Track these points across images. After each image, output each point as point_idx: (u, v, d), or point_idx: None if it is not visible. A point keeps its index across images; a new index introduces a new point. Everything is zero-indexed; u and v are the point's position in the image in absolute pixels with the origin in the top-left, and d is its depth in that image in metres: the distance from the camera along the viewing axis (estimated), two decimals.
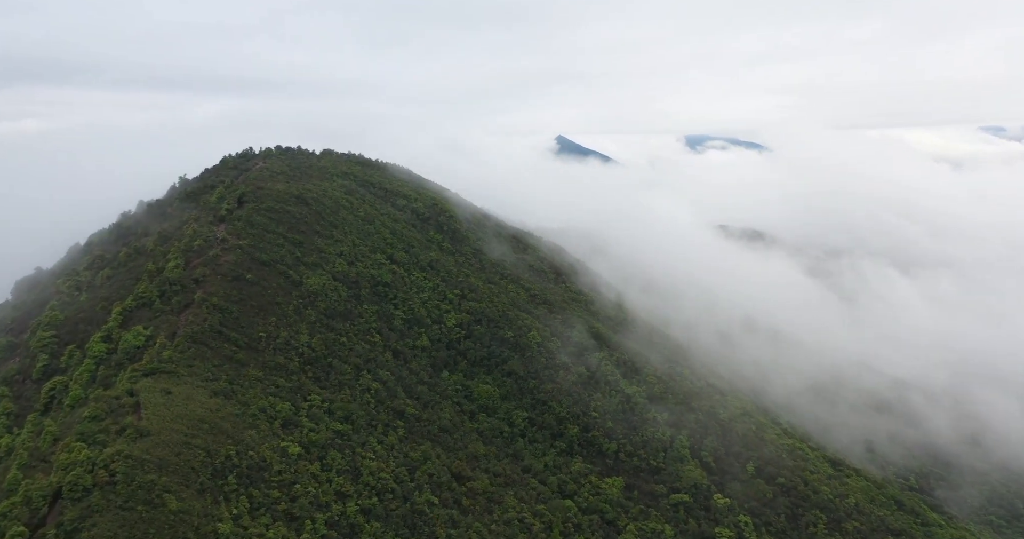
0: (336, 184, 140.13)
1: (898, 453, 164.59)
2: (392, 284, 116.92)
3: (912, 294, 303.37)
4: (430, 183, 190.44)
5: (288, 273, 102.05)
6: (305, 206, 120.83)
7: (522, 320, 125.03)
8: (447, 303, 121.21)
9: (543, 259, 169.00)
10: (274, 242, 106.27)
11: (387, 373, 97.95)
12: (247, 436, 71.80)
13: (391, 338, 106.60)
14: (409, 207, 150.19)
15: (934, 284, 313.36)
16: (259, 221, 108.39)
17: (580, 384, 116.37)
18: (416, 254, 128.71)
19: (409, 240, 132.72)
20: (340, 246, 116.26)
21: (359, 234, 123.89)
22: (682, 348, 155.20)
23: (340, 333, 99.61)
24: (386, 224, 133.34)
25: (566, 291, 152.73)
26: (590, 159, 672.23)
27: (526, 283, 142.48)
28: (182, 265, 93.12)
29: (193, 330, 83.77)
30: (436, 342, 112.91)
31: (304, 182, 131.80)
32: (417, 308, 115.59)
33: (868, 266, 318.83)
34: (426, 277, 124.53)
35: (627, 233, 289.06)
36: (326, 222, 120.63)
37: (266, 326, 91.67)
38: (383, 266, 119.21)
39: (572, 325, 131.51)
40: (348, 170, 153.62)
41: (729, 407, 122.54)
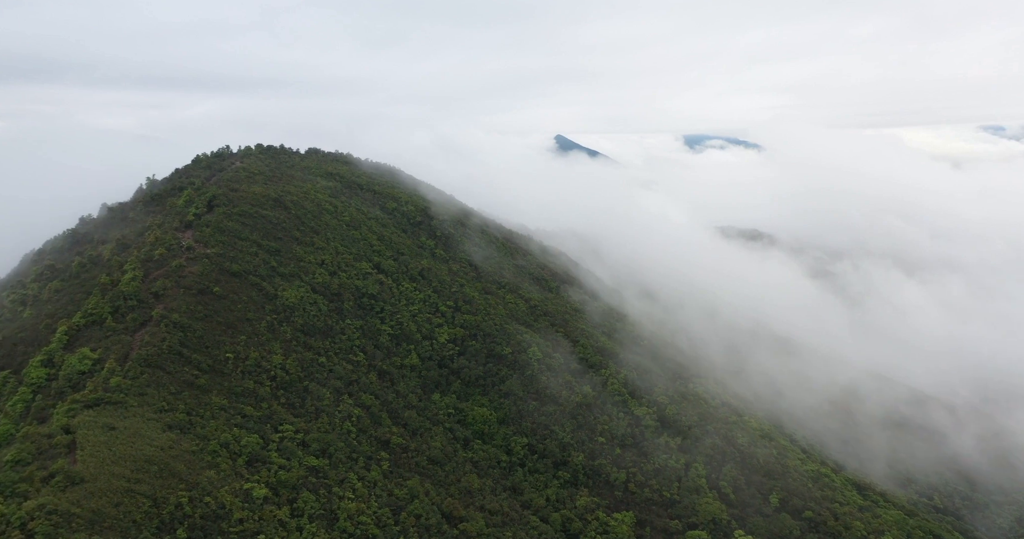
0: (320, 186, 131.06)
1: (920, 470, 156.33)
2: (379, 296, 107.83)
3: (919, 298, 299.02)
4: (424, 185, 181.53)
5: (262, 285, 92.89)
6: (284, 210, 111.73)
7: (521, 334, 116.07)
8: (439, 316, 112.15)
9: (543, 265, 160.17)
10: (247, 250, 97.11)
11: (371, 397, 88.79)
12: (204, 478, 62.52)
13: (376, 357, 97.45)
14: (400, 210, 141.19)
15: (940, 287, 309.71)
16: (230, 227, 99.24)
17: (585, 405, 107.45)
18: (406, 262, 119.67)
19: (398, 247, 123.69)
20: (321, 254, 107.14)
21: (343, 241, 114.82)
22: (690, 361, 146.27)
23: (319, 352, 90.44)
24: (373, 229, 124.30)
25: (567, 301, 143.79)
26: (589, 159, 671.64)
27: (525, 293, 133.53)
28: (140, 277, 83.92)
29: (148, 352, 74.53)
30: (427, 360, 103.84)
31: (284, 184, 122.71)
32: (406, 322, 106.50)
33: (872, 268, 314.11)
34: (417, 288, 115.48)
35: (627, 235, 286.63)
36: (306, 228, 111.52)
37: (234, 346, 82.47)
38: (369, 276, 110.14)
39: (575, 339, 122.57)
40: (335, 170, 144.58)
41: (747, 429, 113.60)
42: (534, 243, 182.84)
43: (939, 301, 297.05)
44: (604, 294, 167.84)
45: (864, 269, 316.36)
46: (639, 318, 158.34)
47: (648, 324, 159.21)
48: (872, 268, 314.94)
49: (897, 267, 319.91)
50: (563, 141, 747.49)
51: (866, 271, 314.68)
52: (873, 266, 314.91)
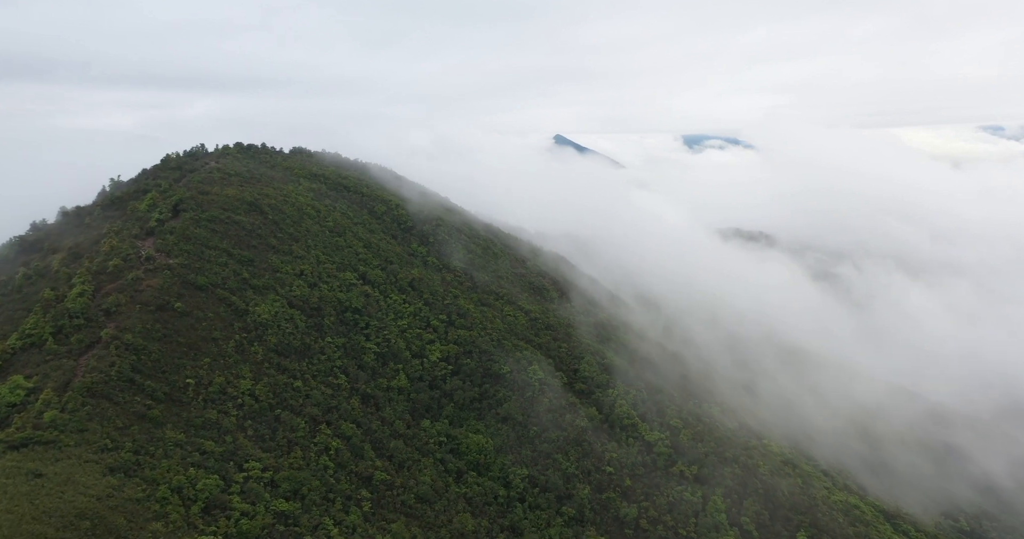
0: (303, 188, 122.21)
1: (942, 488, 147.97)
2: (364, 310, 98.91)
3: (925, 301, 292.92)
4: (418, 187, 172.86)
5: (231, 300, 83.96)
6: (259, 215, 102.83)
7: (521, 351, 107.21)
8: (431, 332, 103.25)
9: (544, 273, 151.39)
10: (215, 260, 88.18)
11: (352, 426, 79.84)
12: (148, 533, 53.58)
13: (359, 379, 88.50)
14: (390, 215, 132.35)
15: (946, 290, 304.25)
16: (198, 234, 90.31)
17: (591, 430, 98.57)
18: (395, 272, 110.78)
19: (387, 254, 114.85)
20: (300, 264, 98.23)
21: (325, 248, 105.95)
22: (700, 376, 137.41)
23: (294, 375, 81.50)
24: (360, 236, 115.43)
25: (570, 312, 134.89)
26: (588, 159, 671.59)
27: (525, 304, 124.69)
28: (90, 292, 75.00)
29: (93, 379, 65.59)
30: (416, 381, 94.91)
31: (263, 186, 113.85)
32: (394, 339, 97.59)
33: (875, 270, 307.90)
34: (406, 300, 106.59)
35: (625, 237, 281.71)
36: (285, 234, 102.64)
37: (196, 370, 73.53)
38: (353, 288, 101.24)
39: (579, 355, 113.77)
40: (320, 171, 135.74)
41: (768, 456, 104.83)
42: (533, 248, 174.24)
43: (946, 304, 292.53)
44: (607, 303, 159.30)
45: (867, 271, 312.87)
46: (644, 329, 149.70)
47: (653, 335, 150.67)
48: (875, 270, 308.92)
49: (899, 269, 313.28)
50: (562, 141, 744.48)
51: (869, 273, 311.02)
52: (876, 268, 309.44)
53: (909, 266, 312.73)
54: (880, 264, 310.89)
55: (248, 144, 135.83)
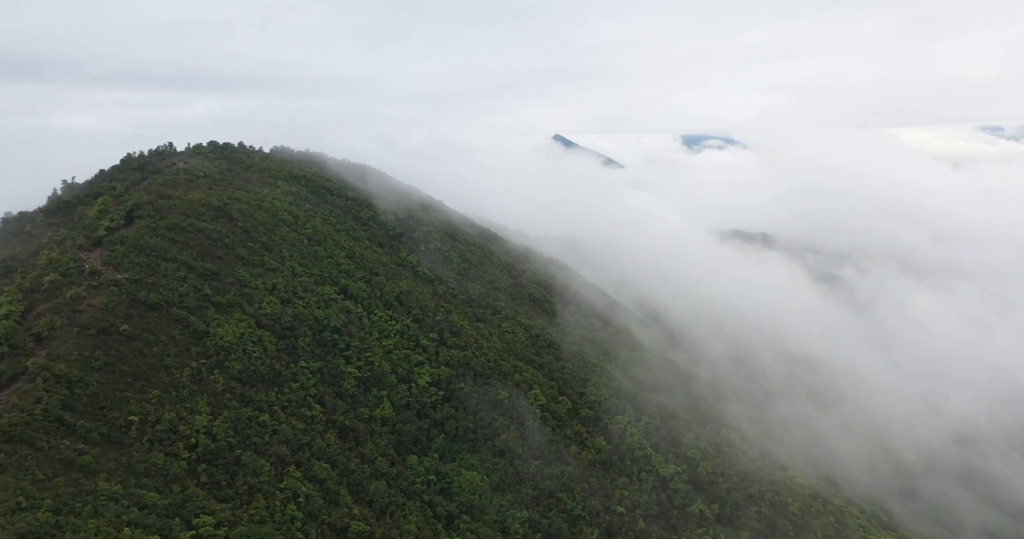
0: (281, 191, 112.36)
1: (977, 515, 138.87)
2: (344, 329, 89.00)
3: (933, 307, 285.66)
4: (410, 189, 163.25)
5: (188, 320, 74.02)
6: (228, 222, 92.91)
7: (521, 373, 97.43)
8: (420, 352, 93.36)
9: (543, 282, 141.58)
10: (172, 274, 78.24)
11: (326, 467, 69.89)
12: None
13: (337, 409, 78.55)
14: (377, 220, 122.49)
15: (953, 295, 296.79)
16: (153, 245, 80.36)
17: (600, 464, 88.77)
18: (381, 285, 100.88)
19: (372, 265, 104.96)
20: (273, 277, 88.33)
21: (303, 259, 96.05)
22: (714, 395, 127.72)
23: (260, 407, 71.53)
24: (342, 245, 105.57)
25: (574, 325, 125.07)
26: (587, 159, 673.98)
27: (524, 318, 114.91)
28: (19, 313, 65.05)
29: (12, 421, 55.67)
30: (403, 410, 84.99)
31: (235, 189, 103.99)
32: (378, 362, 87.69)
33: (879, 274, 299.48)
34: (393, 316, 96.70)
35: (626, 240, 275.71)
36: (256, 244, 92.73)
37: (142, 405, 63.54)
38: (333, 303, 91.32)
39: (585, 376, 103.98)
40: (301, 173, 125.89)
41: (796, 490, 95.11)
42: (532, 254, 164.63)
43: (953, 309, 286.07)
44: (610, 313, 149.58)
45: (870, 274, 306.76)
46: (649, 343, 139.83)
47: (659, 349, 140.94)
48: (878, 273, 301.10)
49: (902, 271, 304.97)
50: (561, 141, 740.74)
51: (872, 276, 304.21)
52: (878, 270, 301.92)
53: (911, 268, 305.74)
54: (882, 266, 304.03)
55: (224, 143, 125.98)
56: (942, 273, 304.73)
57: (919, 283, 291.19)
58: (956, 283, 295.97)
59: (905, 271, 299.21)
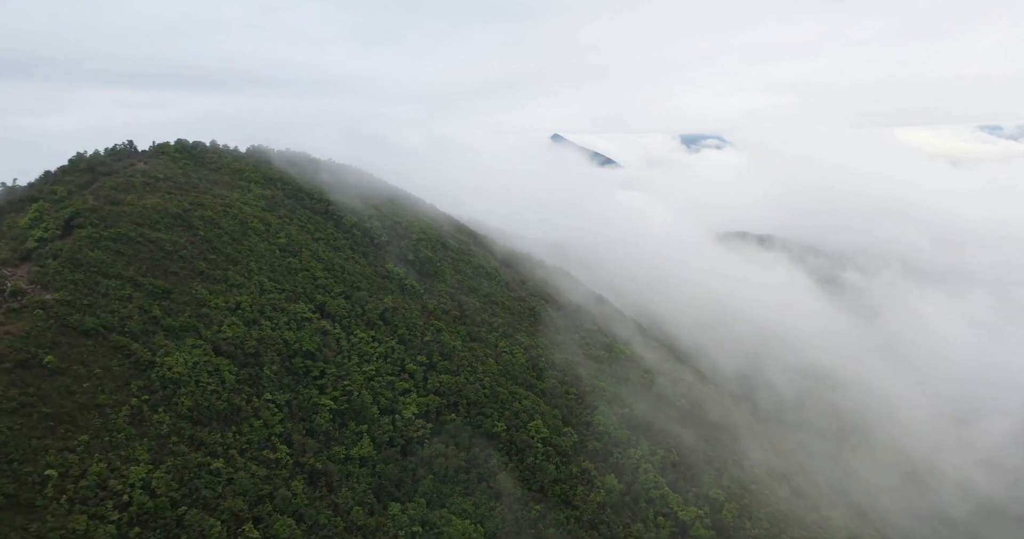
0: (252, 196, 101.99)
1: None
2: (319, 353, 78.62)
3: (942, 311, 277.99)
4: (400, 192, 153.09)
5: (131, 348, 63.59)
6: (187, 231, 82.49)
7: (520, 400, 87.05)
8: (406, 379, 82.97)
9: (544, 294, 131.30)
10: (114, 294, 67.83)
11: (290, 522, 59.47)
12: None
13: (307, 450, 68.14)
14: (361, 227, 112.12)
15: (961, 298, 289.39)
16: (94, 258, 69.94)
17: (610, 507, 78.36)
18: (362, 301, 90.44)
19: (354, 278, 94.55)
20: (237, 295, 77.90)
21: (273, 273, 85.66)
22: (732, 420, 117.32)
23: (213, 452, 61.10)
24: (320, 255, 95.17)
25: (579, 342, 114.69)
26: (585, 159, 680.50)
27: (524, 337, 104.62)
28: None
29: None
30: (385, 447, 74.59)
31: (200, 193, 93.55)
32: (357, 391, 77.30)
33: (883, 276, 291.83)
34: (376, 337, 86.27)
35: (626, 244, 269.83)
36: (220, 256, 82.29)
37: (64, 455, 53.09)
38: (306, 324, 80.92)
39: (593, 403, 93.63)
40: (278, 175, 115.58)
41: (833, 534, 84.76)
42: (531, 261, 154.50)
43: (966, 315, 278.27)
44: (616, 327, 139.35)
45: (875, 277, 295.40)
46: (660, 362, 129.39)
47: (670, 369, 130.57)
48: (882, 276, 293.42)
49: (906, 273, 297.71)
50: (560, 141, 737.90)
51: (877, 279, 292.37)
52: (882, 273, 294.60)
53: (915, 270, 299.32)
54: (885, 268, 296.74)
55: (194, 142, 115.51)
56: (948, 276, 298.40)
57: (926, 287, 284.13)
58: (965, 287, 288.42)
59: (908, 273, 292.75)
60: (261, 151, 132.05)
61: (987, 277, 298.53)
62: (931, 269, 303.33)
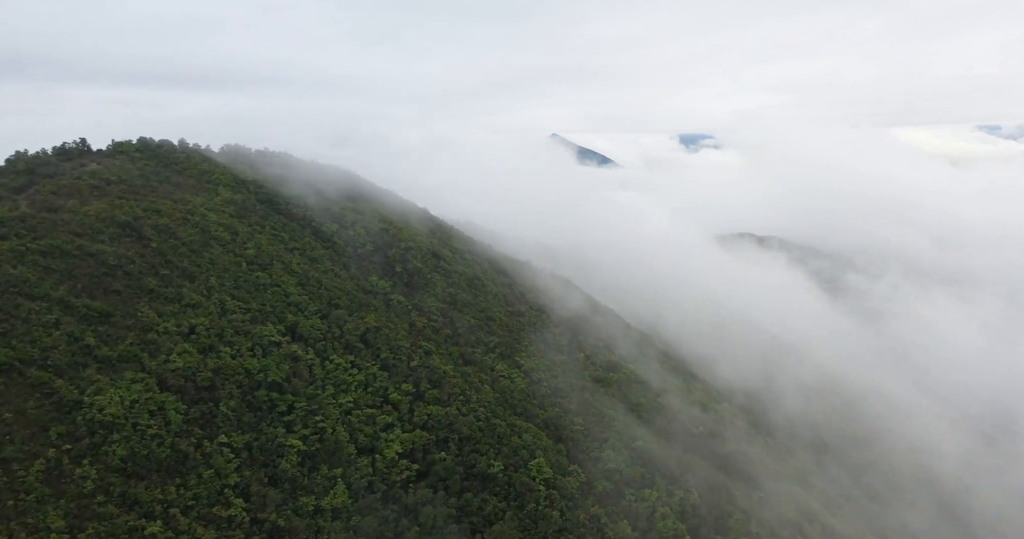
0: (220, 200, 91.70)
1: None
2: (287, 384, 68.35)
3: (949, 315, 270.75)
4: (390, 195, 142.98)
5: (52, 385, 53.29)
6: (137, 242, 72.25)
7: (520, 434, 76.87)
8: (389, 411, 72.72)
9: (545, 307, 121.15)
10: (37, 319, 57.54)
11: None
12: None
13: (268, 503, 57.83)
14: (344, 235, 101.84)
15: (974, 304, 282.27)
16: (15, 277, 59.61)
17: None
18: (341, 320, 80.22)
19: (332, 294, 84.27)
20: (192, 316, 67.63)
21: (238, 290, 75.41)
22: (756, 451, 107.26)
23: (150, 513, 50.82)
24: (294, 268, 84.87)
25: (584, 362, 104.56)
26: (583, 159, 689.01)
27: (525, 358, 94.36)
28: None
29: None
30: (362, 495, 64.27)
31: (157, 198, 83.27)
32: (332, 428, 67.06)
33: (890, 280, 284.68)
34: (355, 363, 76.01)
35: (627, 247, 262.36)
36: (174, 271, 72.02)
37: None
38: (274, 349, 70.65)
39: (601, 436, 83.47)
40: (251, 177, 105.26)
41: None
42: (531, 269, 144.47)
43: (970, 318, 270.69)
44: (623, 341, 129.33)
45: (878, 279, 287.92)
46: (671, 382, 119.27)
47: (683, 389, 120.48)
48: (886, 277, 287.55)
49: (908, 274, 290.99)
50: (559, 141, 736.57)
51: (881, 281, 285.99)
52: (885, 274, 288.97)
53: (916, 271, 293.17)
54: (887, 269, 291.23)
55: (160, 140, 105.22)
56: (950, 278, 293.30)
57: (930, 290, 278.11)
58: (969, 290, 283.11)
59: (910, 274, 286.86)
60: (237, 151, 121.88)
61: (990, 278, 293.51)
62: (933, 270, 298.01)
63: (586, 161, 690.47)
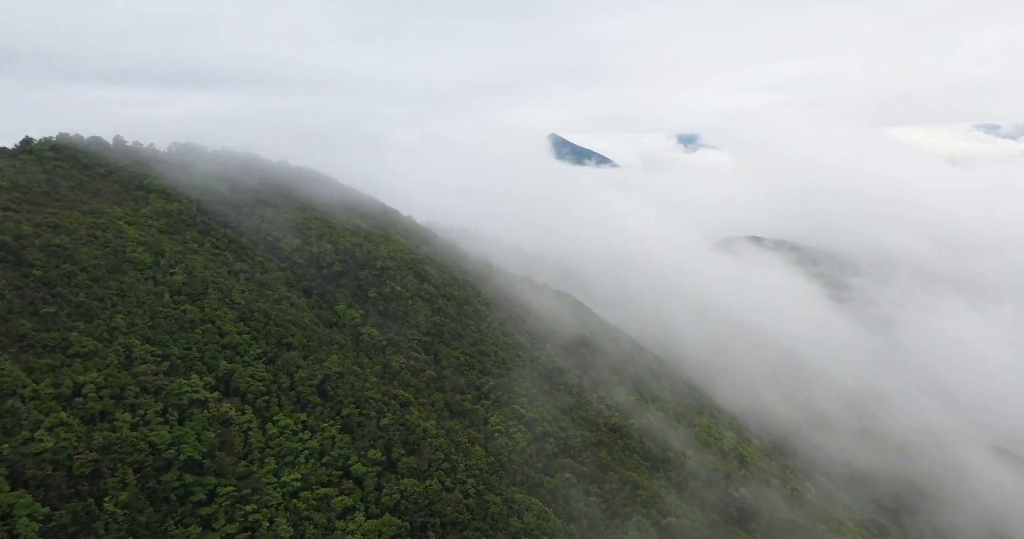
0: (150, 212, 74.79)
1: None
2: (210, 462, 51.31)
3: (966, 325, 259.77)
4: (372, 204, 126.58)
5: None
6: (13, 270, 55.23)
7: (521, 514, 59.93)
8: (350, 490, 55.74)
9: (550, 334, 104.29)
10: None
11: None
12: None
13: None
14: (306, 253, 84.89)
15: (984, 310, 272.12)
16: None
17: None
18: (292, 366, 63.25)
19: (284, 331, 67.27)
20: (79, 371, 50.67)
21: (155, 329, 58.43)
22: (800, 509, 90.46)
23: None
24: (235, 298, 67.82)
25: (597, 408, 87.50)
26: (583, 160, 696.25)
27: (526, 406, 77.36)
28: None
29: None
30: None
31: (58, 209, 66.35)
32: (268, 521, 50.06)
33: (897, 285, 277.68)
34: (308, 424, 59.03)
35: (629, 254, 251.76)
36: (64, 308, 55.07)
37: None
38: (195, 412, 53.63)
39: (623, 512, 66.55)
40: (198, 182, 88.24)
41: None
42: (532, 287, 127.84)
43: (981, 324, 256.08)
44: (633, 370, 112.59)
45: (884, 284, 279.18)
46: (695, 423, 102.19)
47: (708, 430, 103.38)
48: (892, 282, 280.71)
49: (915, 279, 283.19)
50: (558, 141, 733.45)
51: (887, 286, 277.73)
52: (890, 278, 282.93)
53: (922, 275, 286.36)
54: (891, 272, 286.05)
55: (90, 137, 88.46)
56: (961, 284, 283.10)
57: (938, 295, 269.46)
58: (983, 297, 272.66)
59: (917, 279, 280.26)
60: (188, 151, 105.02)
61: (1000, 283, 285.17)
62: (939, 274, 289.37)
63: (584, 161, 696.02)
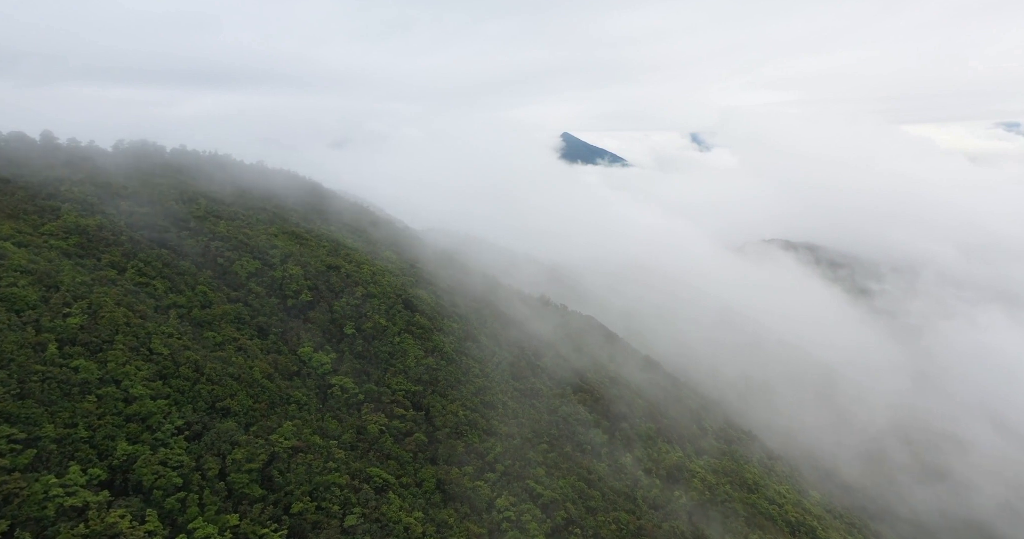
0: (55, 227, 58.18)
1: None
2: None
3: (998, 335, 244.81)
4: (361, 213, 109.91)
5: None
6: None
7: None
8: None
9: (575, 375, 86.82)
10: None
11: None
12: None
13: None
14: (266, 278, 68.01)
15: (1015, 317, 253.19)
16: None
17: None
18: (224, 445, 46.22)
19: (220, 390, 50.25)
20: None
21: (21, 400, 41.61)
22: None
23: None
24: (154, 346, 50.82)
25: (632, 485, 70.03)
26: (597, 159, 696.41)
27: (542, 485, 60.00)
28: None
29: None
30: None
31: None
32: None
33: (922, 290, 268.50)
34: (238, 535, 41.91)
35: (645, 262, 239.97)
36: None
37: None
38: (68, 523, 36.60)
39: None
40: (140, 189, 71.70)
41: None
42: (551, 310, 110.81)
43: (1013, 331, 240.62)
44: (677, 413, 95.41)
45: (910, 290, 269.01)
46: (772, 485, 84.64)
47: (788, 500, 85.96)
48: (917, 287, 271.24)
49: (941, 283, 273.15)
50: (570, 140, 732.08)
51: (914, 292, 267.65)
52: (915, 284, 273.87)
53: (947, 279, 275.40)
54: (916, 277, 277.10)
55: (10, 132, 72.35)
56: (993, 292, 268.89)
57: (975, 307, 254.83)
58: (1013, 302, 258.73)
59: (943, 282, 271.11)
60: (140, 151, 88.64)
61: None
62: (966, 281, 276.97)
63: (597, 160, 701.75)
